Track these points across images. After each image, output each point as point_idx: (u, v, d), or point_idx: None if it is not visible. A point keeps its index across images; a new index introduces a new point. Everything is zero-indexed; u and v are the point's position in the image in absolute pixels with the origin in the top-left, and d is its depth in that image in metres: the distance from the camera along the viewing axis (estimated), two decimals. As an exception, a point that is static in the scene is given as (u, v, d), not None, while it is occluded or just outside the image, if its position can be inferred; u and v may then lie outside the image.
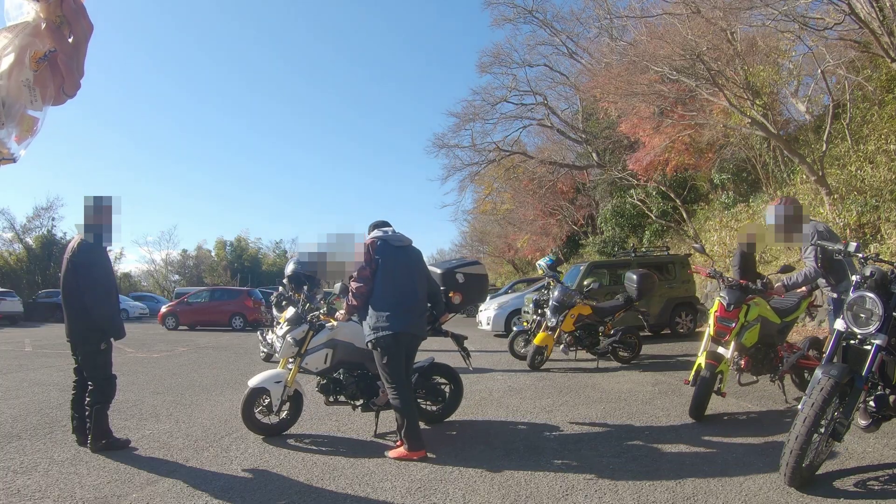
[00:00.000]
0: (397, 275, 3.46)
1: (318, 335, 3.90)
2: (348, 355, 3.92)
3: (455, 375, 4.24)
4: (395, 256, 3.49)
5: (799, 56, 10.72)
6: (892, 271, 2.84)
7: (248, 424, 3.79)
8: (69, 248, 3.55)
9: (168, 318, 15.92)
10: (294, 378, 3.84)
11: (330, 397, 3.99)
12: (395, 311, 3.36)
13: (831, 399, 2.56)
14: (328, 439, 3.81)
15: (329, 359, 3.88)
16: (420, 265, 3.68)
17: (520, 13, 20.61)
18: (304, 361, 3.86)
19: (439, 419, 4.16)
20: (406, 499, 2.67)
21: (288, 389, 3.80)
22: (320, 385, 4.00)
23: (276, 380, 3.78)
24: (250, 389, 3.78)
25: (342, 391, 3.96)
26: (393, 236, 3.57)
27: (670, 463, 3.11)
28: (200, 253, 45.02)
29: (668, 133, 12.45)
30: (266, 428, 3.83)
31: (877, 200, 8.19)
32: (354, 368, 3.96)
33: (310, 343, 3.87)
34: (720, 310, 4.02)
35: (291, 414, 3.90)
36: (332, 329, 3.92)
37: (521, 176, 23.55)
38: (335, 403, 4.02)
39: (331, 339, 3.90)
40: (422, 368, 4.08)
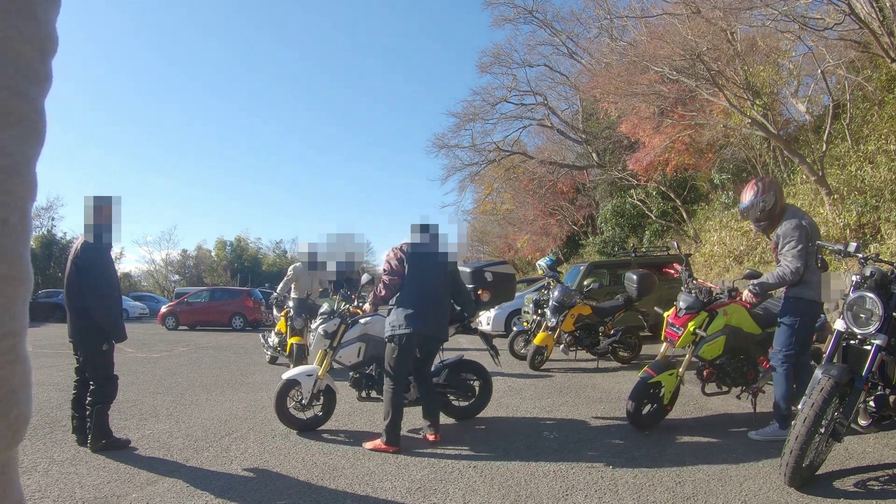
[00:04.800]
0: (424, 278, 3.61)
1: (352, 329, 4.00)
2: (380, 350, 3.97)
3: (484, 372, 4.31)
4: (424, 261, 3.65)
5: (799, 56, 10.72)
6: (892, 271, 2.84)
7: (281, 418, 3.86)
8: (73, 249, 3.56)
9: (168, 318, 15.92)
10: (325, 371, 3.91)
11: (362, 392, 4.09)
12: (416, 312, 3.51)
13: (831, 399, 2.56)
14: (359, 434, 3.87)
15: (362, 353, 3.99)
16: (447, 272, 3.79)
17: (520, 13, 20.63)
18: (337, 355, 3.95)
19: (468, 415, 4.23)
20: (406, 499, 2.67)
21: (319, 383, 3.88)
22: (353, 380, 4.09)
23: (308, 373, 3.89)
24: (283, 382, 3.87)
25: (374, 386, 4.06)
26: (422, 244, 3.71)
27: (670, 463, 3.11)
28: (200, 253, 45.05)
29: (668, 133, 12.45)
30: (299, 423, 3.90)
31: (877, 200, 8.18)
32: None
33: (343, 337, 3.97)
34: (672, 313, 3.90)
35: (324, 410, 3.97)
36: (365, 324, 4.03)
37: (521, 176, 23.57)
38: (367, 399, 4.11)
39: (364, 333, 4.00)
40: (451, 364, 4.19)
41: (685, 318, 3.80)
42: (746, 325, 3.87)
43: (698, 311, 3.79)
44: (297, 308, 7.04)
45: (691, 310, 3.78)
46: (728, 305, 3.86)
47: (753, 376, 3.94)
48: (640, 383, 3.73)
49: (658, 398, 3.78)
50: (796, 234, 3.42)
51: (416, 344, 3.59)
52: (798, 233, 3.42)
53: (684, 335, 3.77)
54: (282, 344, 7.20)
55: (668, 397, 3.77)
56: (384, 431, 3.45)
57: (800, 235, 3.41)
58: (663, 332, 3.98)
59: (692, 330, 3.76)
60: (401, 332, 3.51)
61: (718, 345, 3.77)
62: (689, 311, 3.79)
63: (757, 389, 3.95)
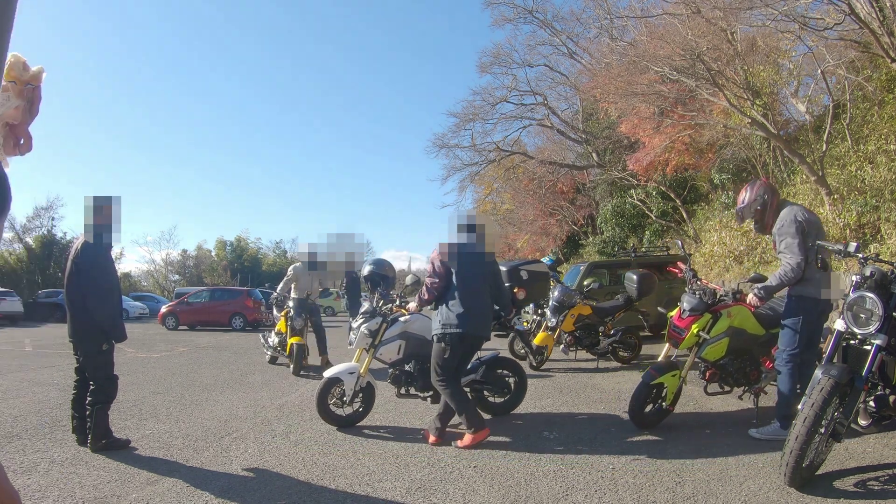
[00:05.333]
0: (470, 279, 3.65)
1: (392, 328, 4.10)
2: (419, 348, 4.10)
3: (520, 369, 4.40)
4: (469, 261, 3.68)
5: (799, 56, 10.71)
6: (892, 271, 2.83)
7: (322, 415, 3.96)
8: (73, 249, 3.56)
9: (168, 318, 15.92)
10: (367, 369, 4.02)
11: (401, 389, 4.20)
12: (467, 312, 3.55)
13: (831, 399, 2.56)
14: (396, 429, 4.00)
15: (402, 350, 4.09)
16: (493, 271, 3.87)
17: (520, 13, 20.60)
18: (378, 352, 4.06)
19: (503, 411, 4.30)
20: (406, 499, 2.67)
21: (361, 380, 3.98)
22: (392, 376, 4.20)
23: (350, 371, 3.99)
24: (325, 380, 3.97)
25: (413, 383, 4.16)
26: (468, 244, 3.74)
27: (670, 463, 3.10)
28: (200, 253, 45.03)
29: (668, 133, 12.44)
30: (339, 419, 3.98)
31: (877, 200, 8.18)
32: (425, 361, 4.06)
33: (384, 335, 4.07)
34: (676, 315, 3.88)
35: (363, 406, 4.06)
36: (405, 322, 4.13)
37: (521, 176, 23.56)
38: (406, 396, 4.22)
39: (403, 331, 4.11)
40: (488, 361, 4.27)
41: (689, 320, 3.79)
42: (750, 327, 3.86)
43: (702, 313, 3.77)
44: (297, 308, 7.04)
45: (695, 311, 3.77)
46: (732, 307, 3.85)
47: (756, 377, 3.94)
48: (643, 384, 3.74)
49: (660, 399, 3.79)
50: (791, 228, 3.42)
51: (468, 344, 3.66)
52: (793, 227, 3.41)
53: (688, 337, 3.77)
54: (282, 344, 7.20)
55: (670, 398, 3.77)
56: (468, 425, 3.48)
57: (794, 230, 3.40)
58: (667, 333, 3.97)
59: (695, 332, 3.75)
60: (452, 331, 3.55)
61: (722, 346, 3.76)
62: (693, 312, 3.77)
63: (759, 390, 3.95)
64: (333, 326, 13.32)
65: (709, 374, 3.91)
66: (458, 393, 3.59)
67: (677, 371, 3.78)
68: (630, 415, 3.79)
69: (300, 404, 4.88)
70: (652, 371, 3.77)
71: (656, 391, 3.77)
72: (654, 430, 3.77)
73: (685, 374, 3.80)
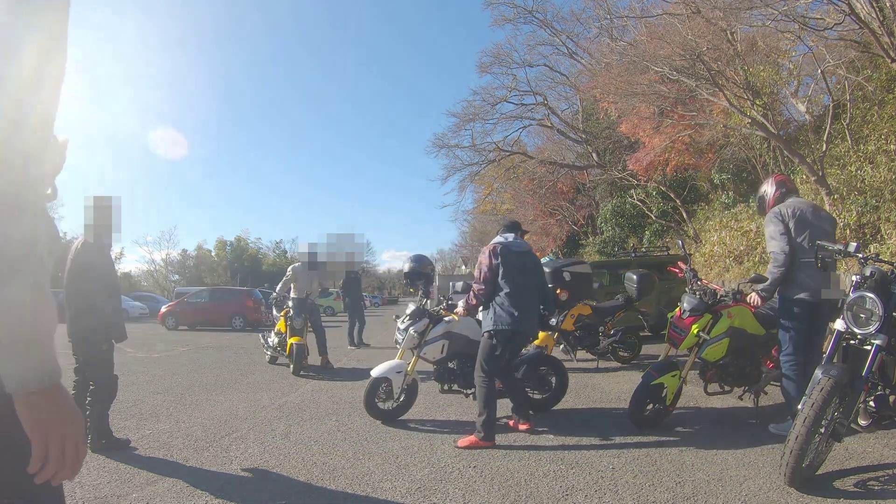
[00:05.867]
0: (518, 278, 3.72)
1: (436, 328, 4.25)
2: (462, 347, 4.27)
3: (561, 367, 4.52)
4: (515, 261, 3.76)
5: (799, 56, 10.70)
6: (892, 271, 2.83)
7: (368, 410, 4.14)
8: (73, 248, 3.55)
9: (168, 318, 15.91)
10: (414, 368, 4.17)
11: (444, 385, 4.39)
12: (519, 312, 3.64)
13: (831, 399, 2.56)
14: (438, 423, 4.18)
15: (445, 349, 4.25)
16: (537, 270, 3.97)
17: (520, 13, 20.60)
18: (422, 351, 4.20)
19: (544, 408, 4.39)
20: (406, 499, 2.67)
21: (407, 378, 4.14)
22: (436, 374, 4.38)
23: (398, 370, 4.13)
24: (373, 378, 4.12)
25: (455, 380, 4.35)
26: (513, 242, 3.84)
27: (670, 463, 3.10)
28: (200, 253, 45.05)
29: (668, 133, 12.44)
30: (384, 413, 4.16)
31: (877, 200, 8.17)
32: (468, 360, 4.23)
33: (428, 335, 4.22)
34: (676, 315, 3.89)
35: (406, 401, 4.20)
36: (449, 322, 4.28)
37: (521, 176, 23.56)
38: (449, 392, 4.41)
39: (447, 331, 4.26)
40: (530, 359, 4.40)
41: (689, 321, 3.79)
42: (750, 327, 3.87)
43: (702, 314, 3.77)
44: (296, 308, 7.04)
45: (695, 312, 3.77)
46: (732, 307, 3.85)
47: (756, 377, 3.94)
48: (643, 385, 3.74)
49: (660, 399, 3.79)
50: (771, 220, 3.56)
51: (517, 342, 3.78)
52: (774, 218, 3.55)
53: (688, 338, 3.77)
54: (281, 344, 7.20)
55: (670, 398, 3.77)
56: (480, 427, 3.51)
57: (775, 221, 3.53)
58: (667, 333, 3.97)
59: (696, 333, 3.75)
60: (504, 328, 3.62)
61: (722, 347, 3.76)
62: (694, 313, 3.77)
63: (759, 390, 3.95)
64: (333, 326, 13.32)
65: (709, 375, 3.91)
66: (491, 393, 3.64)
67: (677, 371, 3.78)
68: (630, 415, 3.79)
69: (300, 404, 4.88)
70: (652, 371, 3.77)
71: (656, 391, 3.76)
72: (654, 430, 3.77)
73: (685, 374, 3.80)
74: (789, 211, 3.54)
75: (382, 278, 75.44)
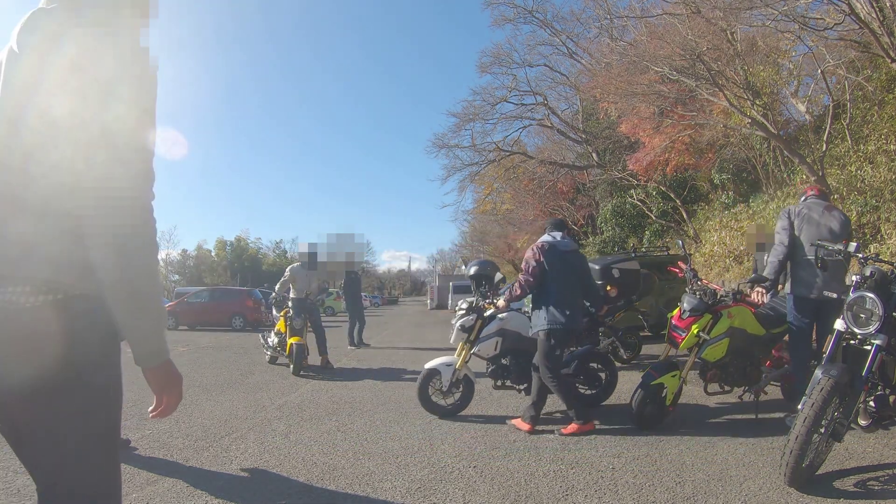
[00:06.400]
0: (566, 277, 3.86)
1: (490, 325, 4.35)
2: (515, 343, 4.37)
3: (610, 363, 4.65)
4: (562, 259, 3.88)
5: (799, 56, 10.71)
6: (892, 271, 2.84)
7: (422, 403, 4.26)
8: None
9: (168, 318, 15.89)
10: (464, 363, 4.27)
11: (498, 382, 4.50)
12: (571, 309, 3.79)
13: (831, 399, 2.56)
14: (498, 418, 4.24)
15: (498, 346, 4.37)
16: (584, 269, 4.11)
17: (520, 13, 20.61)
18: (476, 348, 4.34)
19: (594, 403, 4.48)
20: (406, 499, 2.67)
21: (458, 372, 4.23)
22: (490, 370, 4.49)
23: (448, 363, 4.26)
24: (425, 371, 4.28)
25: (508, 376, 4.43)
26: (560, 241, 3.97)
27: (670, 463, 3.10)
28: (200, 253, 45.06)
29: (668, 133, 12.44)
30: (439, 408, 4.27)
31: (877, 200, 8.18)
32: (520, 356, 4.35)
33: (482, 332, 4.33)
34: (676, 315, 3.89)
35: (462, 398, 4.32)
36: (503, 320, 4.38)
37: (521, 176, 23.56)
38: (502, 388, 4.53)
39: (500, 328, 4.37)
40: (581, 356, 4.49)
41: (689, 321, 3.78)
42: (751, 327, 3.87)
43: (702, 314, 3.77)
44: (296, 308, 7.04)
45: (695, 312, 3.76)
46: (732, 307, 3.85)
47: (756, 377, 3.94)
48: (643, 385, 3.74)
49: (660, 399, 3.78)
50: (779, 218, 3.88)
51: (570, 338, 3.95)
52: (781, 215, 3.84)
53: (687, 338, 3.76)
54: (281, 344, 7.20)
55: (670, 398, 3.77)
56: (576, 417, 3.70)
57: (781, 217, 3.81)
58: (667, 333, 3.97)
59: (696, 333, 3.75)
60: (559, 327, 3.76)
61: (722, 347, 3.76)
62: (694, 313, 3.77)
63: (759, 390, 3.94)
64: (333, 326, 13.32)
65: (709, 375, 3.91)
66: (567, 386, 3.82)
67: (677, 371, 3.78)
68: (630, 415, 3.79)
69: (300, 404, 4.88)
70: (652, 371, 3.77)
71: (656, 391, 3.76)
72: (654, 430, 3.77)
73: (685, 374, 3.80)
74: (796, 209, 3.79)
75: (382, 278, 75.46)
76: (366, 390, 5.55)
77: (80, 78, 0.99)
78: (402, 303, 57.67)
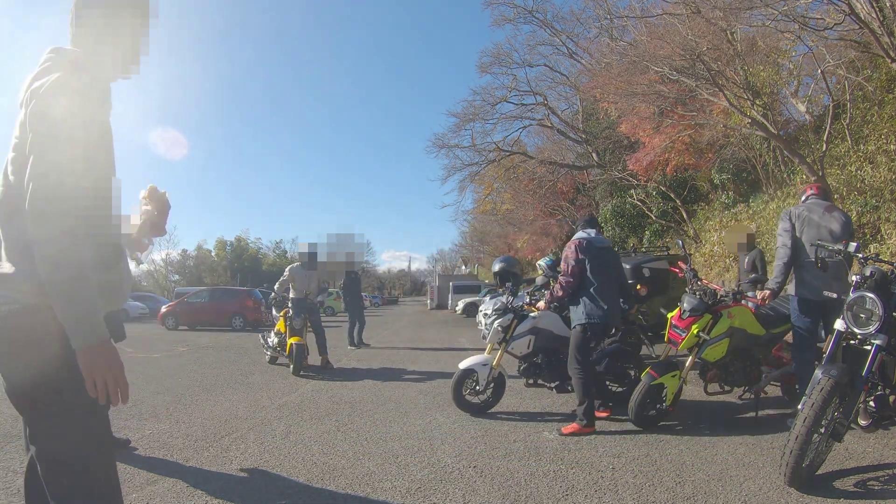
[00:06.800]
0: (603, 272, 3.93)
1: (523, 324, 4.41)
2: (548, 342, 4.45)
3: (640, 361, 4.68)
4: (598, 256, 3.97)
5: (799, 56, 10.70)
6: (892, 271, 2.84)
7: (456, 402, 4.29)
8: None
9: (168, 318, 15.91)
10: (499, 362, 4.32)
11: (530, 379, 4.60)
12: (608, 304, 3.86)
13: (831, 399, 2.56)
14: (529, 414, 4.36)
15: (531, 344, 4.44)
16: (619, 265, 4.21)
17: (520, 13, 20.60)
18: (510, 346, 4.39)
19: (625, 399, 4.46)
20: (406, 499, 2.67)
21: (493, 371, 4.28)
22: (522, 368, 4.58)
23: (484, 363, 4.31)
24: (461, 371, 4.30)
25: (541, 374, 4.53)
26: (596, 238, 4.05)
27: (670, 463, 3.10)
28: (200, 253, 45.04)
29: (668, 133, 12.44)
30: (472, 406, 4.31)
31: (877, 200, 8.18)
32: (552, 354, 4.46)
33: (515, 331, 4.38)
34: (676, 315, 3.89)
35: (494, 395, 4.34)
36: (536, 318, 4.45)
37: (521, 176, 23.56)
38: (534, 385, 4.65)
39: (533, 327, 4.43)
40: (611, 353, 4.55)
41: (689, 321, 3.78)
42: (751, 327, 3.88)
43: (702, 314, 3.77)
44: (296, 308, 7.04)
45: (695, 312, 3.76)
46: (732, 307, 3.85)
47: (756, 377, 3.94)
48: (643, 385, 3.73)
49: (660, 399, 3.78)
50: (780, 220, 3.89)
51: (606, 333, 4.04)
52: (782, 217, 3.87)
53: (687, 338, 3.76)
54: (281, 344, 7.20)
55: (670, 398, 3.77)
56: (581, 415, 3.73)
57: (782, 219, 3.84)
58: (667, 334, 3.97)
59: (695, 333, 3.75)
60: (596, 322, 3.82)
61: (722, 347, 3.76)
62: (694, 313, 3.76)
63: (759, 390, 3.94)
64: (333, 326, 13.32)
65: (709, 375, 3.92)
66: (589, 381, 3.84)
67: (677, 371, 3.78)
68: (630, 415, 3.79)
69: (300, 404, 4.88)
70: (652, 371, 3.77)
71: (656, 391, 3.76)
72: (654, 430, 3.77)
73: (685, 374, 3.80)
74: (796, 211, 3.81)
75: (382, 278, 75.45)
76: (366, 390, 5.55)
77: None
78: (402, 303, 57.65)
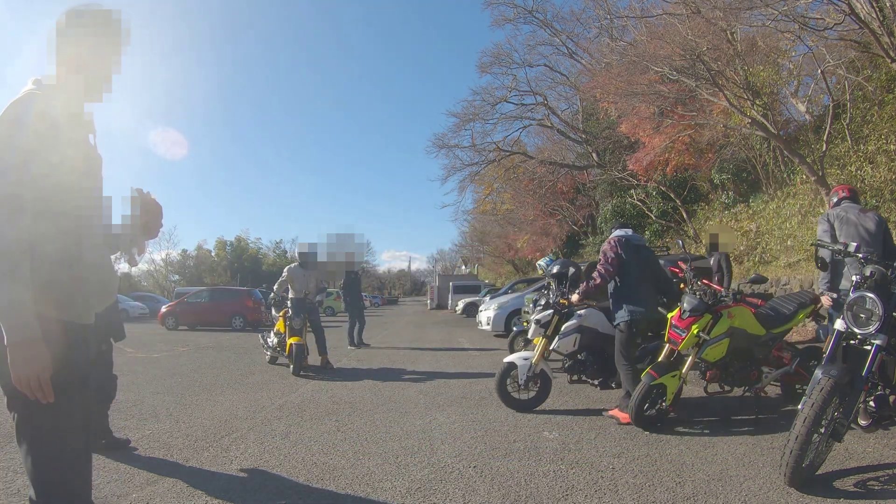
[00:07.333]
0: (642, 269, 4.08)
1: (569, 322, 4.51)
2: (592, 340, 4.56)
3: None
4: (636, 253, 4.11)
5: (799, 56, 10.72)
6: (892, 271, 2.83)
7: (500, 397, 4.35)
8: None
9: (168, 318, 15.91)
10: (540, 359, 4.35)
11: (573, 376, 4.69)
12: (648, 299, 4.03)
13: (831, 399, 2.56)
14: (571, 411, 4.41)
15: (577, 342, 4.55)
16: (656, 263, 4.39)
17: (520, 13, 20.65)
18: (555, 345, 4.49)
19: None
20: (406, 499, 2.67)
21: (534, 367, 4.31)
22: (566, 365, 4.67)
23: (524, 358, 4.36)
24: (504, 364, 4.37)
25: (584, 371, 4.62)
26: (633, 236, 4.23)
27: (670, 463, 3.10)
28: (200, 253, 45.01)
29: (668, 133, 12.45)
30: (516, 403, 4.34)
31: (877, 200, 8.18)
32: (597, 352, 4.56)
33: (562, 329, 4.47)
34: (676, 315, 3.88)
35: (539, 393, 4.36)
36: (582, 317, 4.57)
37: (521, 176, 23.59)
38: (578, 382, 4.75)
39: (579, 325, 4.54)
40: (654, 351, 4.59)
41: (689, 321, 3.77)
42: (751, 327, 3.88)
43: (702, 314, 3.77)
44: (295, 308, 7.04)
45: (695, 312, 3.75)
46: (733, 307, 3.85)
47: (756, 377, 3.94)
48: (643, 386, 3.73)
49: (660, 399, 3.78)
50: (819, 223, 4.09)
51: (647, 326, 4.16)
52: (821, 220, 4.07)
53: (687, 338, 3.76)
54: (281, 344, 7.20)
55: (670, 398, 3.77)
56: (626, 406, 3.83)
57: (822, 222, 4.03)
58: (667, 333, 3.97)
59: (695, 333, 3.74)
60: (639, 316, 3.97)
61: (722, 347, 3.76)
62: (694, 313, 3.76)
63: (759, 390, 3.94)
64: (333, 326, 13.32)
65: (709, 375, 3.91)
66: (635, 374, 3.94)
67: (677, 371, 3.78)
68: (630, 415, 3.79)
69: (300, 404, 4.88)
70: (652, 372, 3.77)
71: (657, 392, 3.76)
72: (654, 430, 3.77)
73: (685, 374, 3.80)
74: (834, 213, 4.02)
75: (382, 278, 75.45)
76: (366, 390, 5.55)
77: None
78: (401, 303, 57.67)
